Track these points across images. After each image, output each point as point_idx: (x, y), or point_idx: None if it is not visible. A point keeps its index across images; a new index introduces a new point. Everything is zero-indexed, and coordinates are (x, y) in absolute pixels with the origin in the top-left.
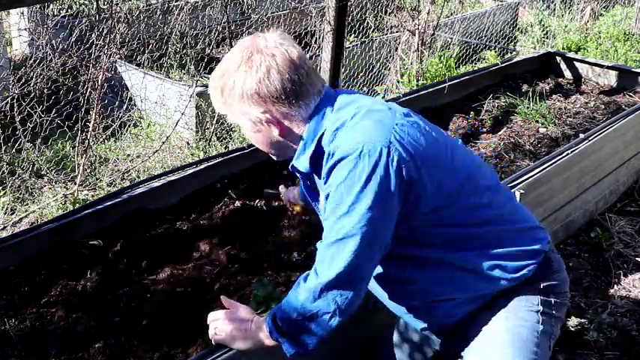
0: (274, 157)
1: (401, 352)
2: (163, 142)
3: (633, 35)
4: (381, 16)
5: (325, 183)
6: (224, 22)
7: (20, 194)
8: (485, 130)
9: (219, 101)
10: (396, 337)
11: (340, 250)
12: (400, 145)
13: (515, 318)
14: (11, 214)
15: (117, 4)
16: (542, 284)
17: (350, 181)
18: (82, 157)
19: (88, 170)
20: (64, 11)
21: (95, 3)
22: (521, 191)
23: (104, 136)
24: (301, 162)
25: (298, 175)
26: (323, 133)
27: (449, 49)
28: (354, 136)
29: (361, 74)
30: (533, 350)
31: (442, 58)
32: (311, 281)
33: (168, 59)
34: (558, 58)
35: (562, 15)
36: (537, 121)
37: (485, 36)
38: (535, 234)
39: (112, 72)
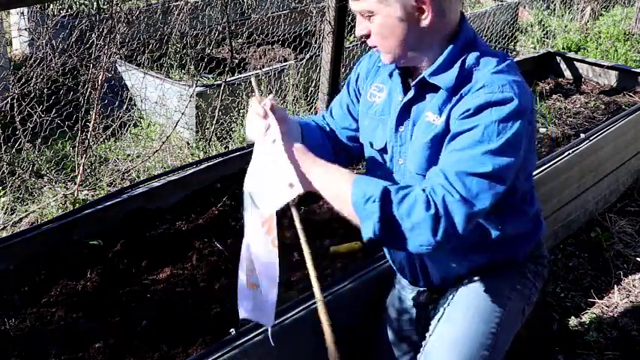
0: (392, 57)
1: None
2: (163, 142)
3: (633, 35)
4: None
5: (464, 112)
6: (224, 22)
7: (20, 194)
8: None
9: None
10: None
11: (485, 188)
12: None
13: (498, 277)
14: (11, 214)
15: (117, 4)
16: (534, 252)
17: (503, 125)
18: (82, 157)
19: (88, 170)
20: (64, 11)
21: (95, 3)
22: None
23: (104, 136)
24: (443, 78)
25: (411, 91)
26: (465, 59)
27: None
28: (512, 86)
29: None
30: (499, 310)
31: None
32: (438, 196)
33: (168, 59)
34: (558, 58)
35: (562, 15)
36: (537, 121)
37: (485, 36)
38: (540, 214)
39: (112, 72)
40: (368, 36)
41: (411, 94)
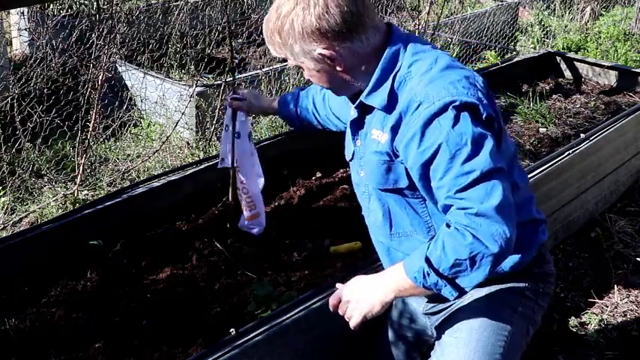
0: (334, 94)
1: (395, 348)
2: (163, 142)
3: (633, 35)
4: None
5: (414, 137)
6: (224, 22)
7: (20, 194)
8: None
9: (278, 43)
10: (390, 332)
11: (489, 185)
12: (487, 103)
13: (497, 299)
14: (11, 214)
15: (117, 4)
16: (534, 270)
17: (458, 127)
18: (82, 157)
19: (88, 170)
20: (64, 11)
21: (95, 3)
22: None
23: (104, 136)
24: (376, 98)
25: (355, 111)
26: (397, 72)
27: (449, 49)
28: (446, 88)
29: None
30: (504, 334)
31: None
32: (465, 219)
33: (168, 59)
34: (558, 58)
35: (562, 15)
36: (537, 121)
37: (485, 36)
38: (539, 225)
39: (112, 72)
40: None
41: (355, 114)
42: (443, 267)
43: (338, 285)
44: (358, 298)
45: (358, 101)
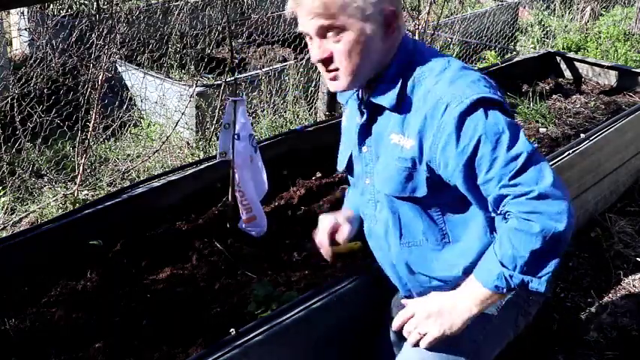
0: (348, 82)
1: (395, 347)
2: (163, 142)
3: (633, 35)
4: None
5: (450, 139)
6: (224, 22)
7: (20, 194)
8: None
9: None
10: (390, 332)
11: (537, 165)
12: (507, 102)
13: None
14: (11, 214)
15: (117, 4)
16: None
17: (492, 117)
18: (82, 157)
19: (88, 170)
20: (64, 11)
21: (95, 3)
22: None
23: (104, 136)
24: (386, 97)
25: (362, 114)
26: (411, 71)
27: (449, 49)
28: (469, 87)
29: None
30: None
31: None
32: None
33: (168, 59)
34: (558, 58)
35: (562, 15)
36: (537, 121)
37: (485, 36)
38: None
39: (112, 72)
40: (328, 60)
41: (363, 118)
42: (520, 263)
43: (406, 301)
44: (440, 313)
45: (366, 101)
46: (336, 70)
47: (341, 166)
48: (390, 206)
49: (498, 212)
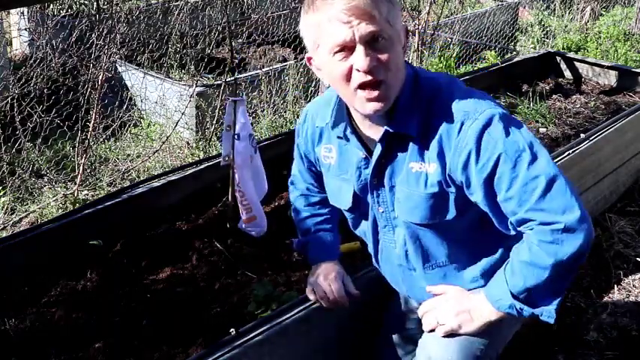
0: (387, 100)
1: (394, 347)
2: (163, 142)
3: (633, 35)
4: None
5: (470, 157)
6: (224, 22)
7: (20, 194)
8: None
9: (387, 3)
10: (389, 332)
11: (563, 192)
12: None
13: None
14: (11, 214)
15: (117, 4)
16: None
17: (511, 132)
18: (82, 157)
19: (88, 170)
20: (64, 11)
21: (95, 3)
22: None
23: (104, 136)
24: (411, 125)
25: (379, 144)
26: (422, 92)
27: (449, 49)
28: (479, 102)
29: None
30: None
31: (442, 58)
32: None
33: (168, 59)
34: (558, 58)
35: (562, 15)
36: (537, 121)
37: (485, 36)
38: None
39: (112, 72)
40: (377, 69)
41: (379, 149)
42: (531, 296)
43: (433, 288)
44: (468, 310)
45: (382, 133)
46: (382, 82)
47: (346, 205)
48: (411, 231)
49: (518, 231)
